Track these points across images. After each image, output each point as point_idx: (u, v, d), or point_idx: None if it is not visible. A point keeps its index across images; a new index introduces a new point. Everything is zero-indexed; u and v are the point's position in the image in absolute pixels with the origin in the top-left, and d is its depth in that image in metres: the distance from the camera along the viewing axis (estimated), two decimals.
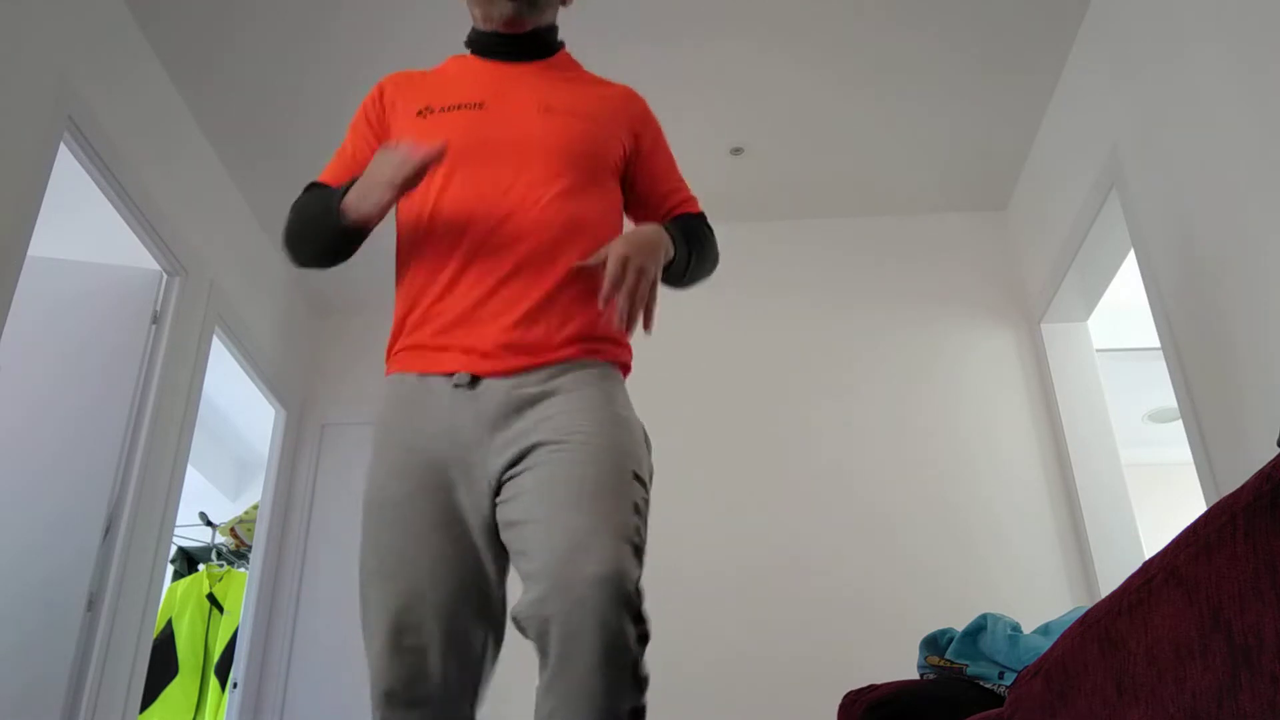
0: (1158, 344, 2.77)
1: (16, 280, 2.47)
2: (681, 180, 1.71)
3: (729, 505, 3.50)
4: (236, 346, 3.81)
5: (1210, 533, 0.70)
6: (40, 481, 2.94)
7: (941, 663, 2.01)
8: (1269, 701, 0.62)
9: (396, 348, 1.48)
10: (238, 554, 4.72)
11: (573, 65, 1.67)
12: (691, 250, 1.56)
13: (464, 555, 1.34)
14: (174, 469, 3.28)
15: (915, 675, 2.17)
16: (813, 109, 3.48)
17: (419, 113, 1.53)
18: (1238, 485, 0.69)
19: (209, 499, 5.30)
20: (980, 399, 3.66)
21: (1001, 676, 1.88)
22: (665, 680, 3.09)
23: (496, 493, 1.34)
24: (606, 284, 1.36)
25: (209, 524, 4.83)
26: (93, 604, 2.85)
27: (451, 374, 1.39)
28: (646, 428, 1.47)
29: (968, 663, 1.95)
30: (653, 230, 1.48)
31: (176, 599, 4.42)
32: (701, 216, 1.69)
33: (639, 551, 1.27)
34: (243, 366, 3.96)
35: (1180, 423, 2.67)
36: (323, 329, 4.65)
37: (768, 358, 3.80)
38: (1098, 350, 3.64)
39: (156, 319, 3.24)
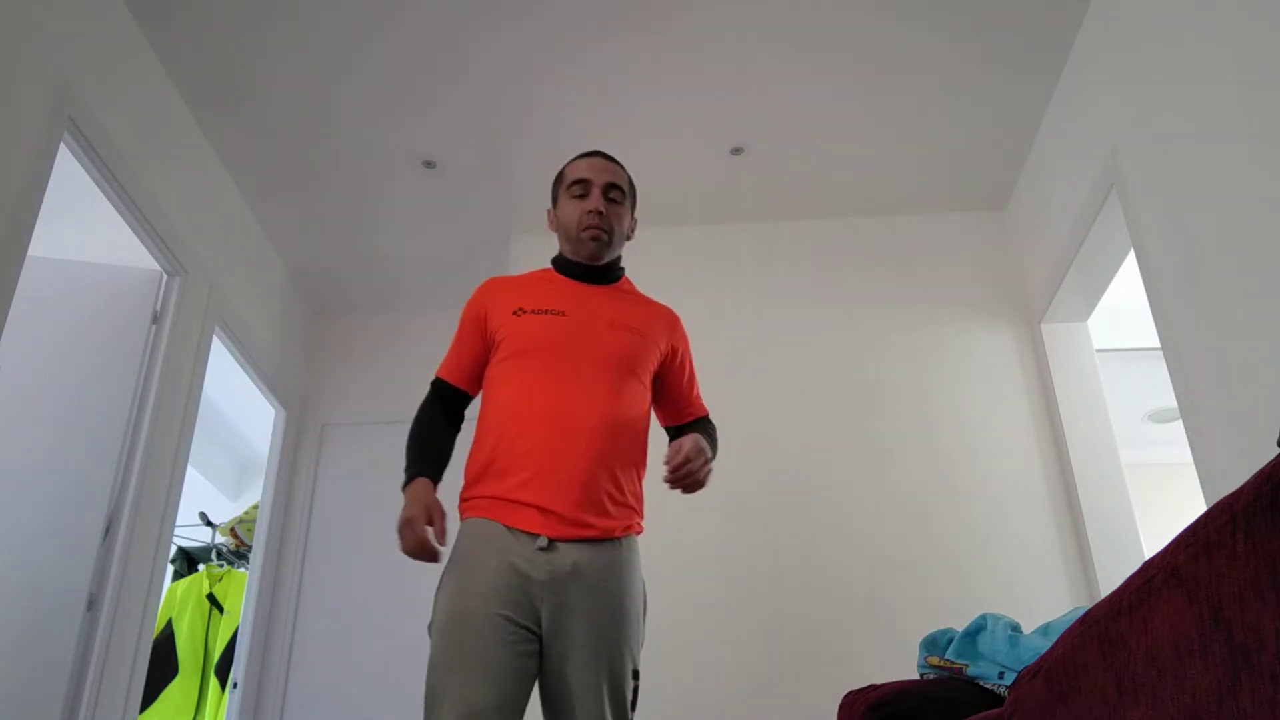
0: (1158, 344, 2.77)
1: (16, 280, 2.47)
2: (697, 387, 2.17)
3: (727, 507, 3.50)
4: (236, 346, 3.81)
5: (1210, 533, 0.70)
6: (40, 482, 2.94)
7: (941, 663, 2.01)
8: (1269, 701, 0.62)
9: (478, 494, 1.84)
10: (238, 554, 4.72)
11: (631, 288, 2.12)
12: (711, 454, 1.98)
13: (525, 667, 1.70)
14: (174, 469, 3.28)
15: (915, 675, 2.17)
16: (813, 109, 3.48)
17: (514, 312, 1.96)
18: (1238, 485, 0.69)
19: (209, 499, 5.30)
20: (980, 399, 3.66)
21: (1001, 676, 1.88)
22: (666, 680, 3.09)
23: (539, 625, 1.74)
24: (679, 459, 1.80)
25: (209, 524, 4.83)
26: (93, 604, 2.85)
27: (534, 535, 1.76)
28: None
29: (968, 663, 1.95)
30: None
31: (176, 599, 4.42)
32: (708, 417, 2.16)
33: None
34: (243, 366, 3.96)
35: (1180, 423, 2.67)
36: (323, 329, 4.65)
37: (766, 358, 3.79)
38: (1098, 350, 3.64)
39: (156, 319, 3.24)
